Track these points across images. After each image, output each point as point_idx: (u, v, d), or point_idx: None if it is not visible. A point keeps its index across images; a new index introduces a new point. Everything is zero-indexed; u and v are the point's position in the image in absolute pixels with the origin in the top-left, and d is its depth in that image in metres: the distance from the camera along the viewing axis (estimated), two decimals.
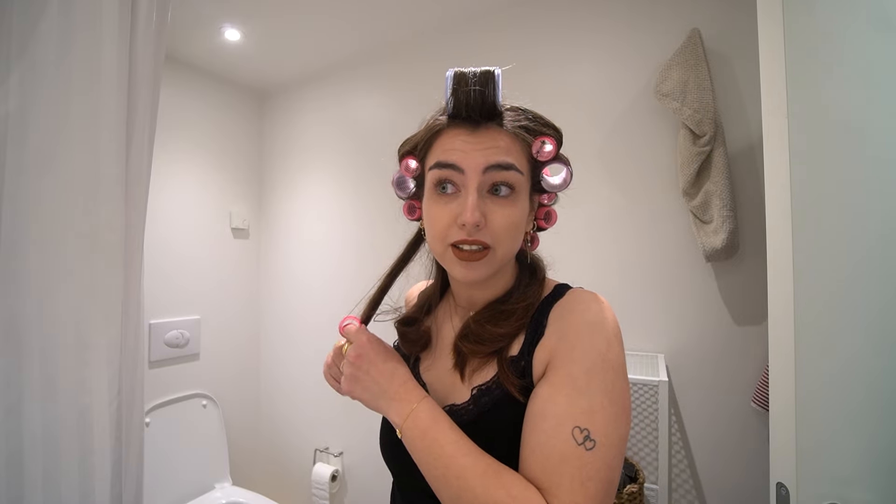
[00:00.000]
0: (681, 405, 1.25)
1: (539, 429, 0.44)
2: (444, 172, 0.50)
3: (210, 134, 2.01)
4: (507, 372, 0.50)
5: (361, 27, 1.68)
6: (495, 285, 0.56)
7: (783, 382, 0.69)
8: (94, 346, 0.83)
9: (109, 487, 0.84)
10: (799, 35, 0.70)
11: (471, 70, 0.49)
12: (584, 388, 0.44)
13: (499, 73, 0.49)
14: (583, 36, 1.42)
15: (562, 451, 0.42)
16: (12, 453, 0.75)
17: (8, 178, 0.76)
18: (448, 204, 0.50)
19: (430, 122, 0.54)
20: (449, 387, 0.55)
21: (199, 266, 1.95)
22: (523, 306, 0.53)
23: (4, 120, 0.75)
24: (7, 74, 0.75)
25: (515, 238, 0.51)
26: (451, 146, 0.50)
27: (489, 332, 0.52)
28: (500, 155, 0.49)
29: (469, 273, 0.50)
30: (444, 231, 0.50)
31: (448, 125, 0.52)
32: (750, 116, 1.16)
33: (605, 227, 1.36)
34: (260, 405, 2.20)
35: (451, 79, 0.49)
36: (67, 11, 0.79)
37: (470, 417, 0.51)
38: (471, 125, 0.50)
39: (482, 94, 0.48)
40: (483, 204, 0.49)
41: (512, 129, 0.50)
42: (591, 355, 0.46)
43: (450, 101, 0.50)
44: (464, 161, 0.49)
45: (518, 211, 0.50)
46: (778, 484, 0.69)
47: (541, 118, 0.53)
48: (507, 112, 0.51)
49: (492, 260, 0.50)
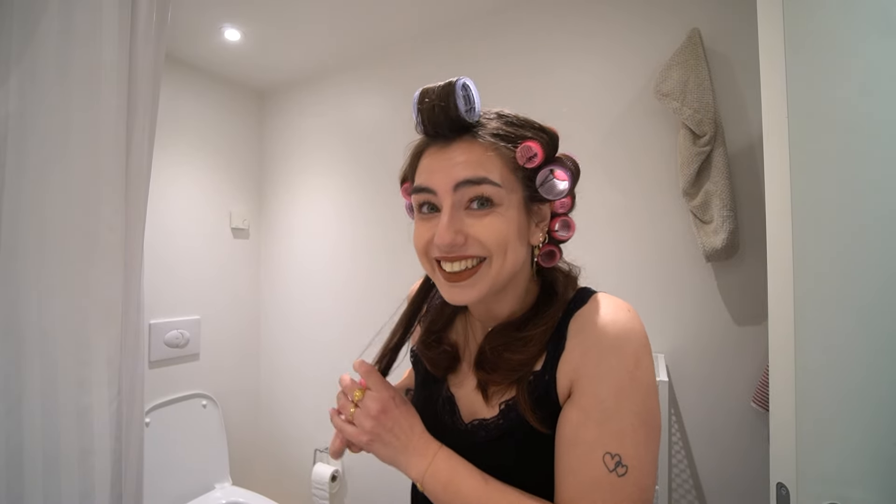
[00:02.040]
0: (681, 405, 1.25)
1: (571, 454, 0.44)
2: (421, 196, 0.49)
3: (210, 134, 2.01)
4: (527, 404, 0.47)
5: (361, 28, 1.68)
6: (510, 296, 0.54)
7: (783, 382, 0.69)
8: (94, 346, 0.83)
9: (109, 487, 0.84)
10: (799, 35, 0.70)
11: (434, 86, 0.47)
12: (612, 412, 0.43)
13: (463, 82, 0.46)
14: (583, 36, 1.42)
15: (594, 478, 0.42)
16: (12, 453, 0.75)
17: (8, 178, 0.76)
18: (429, 221, 0.49)
19: (414, 145, 0.53)
20: (477, 402, 0.54)
21: (199, 266, 1.95)
22: (541, 331, 0.49)
23: (4, 121, 0.75)
24: (7, 75, 0.75)
25: (509, 249, 0.47)
26: (425, 167, 0.49)
27: (506, 360, 0.50)
28: (468, 170, 0.46)
29: (457, 294, 0.48)
30: (424, 247, 0.50)
31: (427, 145, 0.50)
32: (750, 116, 1.16)
33: (605, 228, 1.36)
34: (260, 405, 2.20)
35: (416, 97, 0.48)
36: (67, 11, 0.79)
37: (499, 432, 0.50)
38: (443, 141, 0.48)
39: (444, 109, 0.46)
40: (460, 221, 0.47)
41: (488, 139, 0.47)
42: (618, 374, 0.44)
43: (417, 120, 0.49)
44: (435, 182, 0.47)
45: (502, 222, 0.46)
46: (778, 484, 0.69)
47: (526, 122, 0.50)
48: (484, 121, 0.48)
49: (484, 275, 0.47)
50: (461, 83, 0.46)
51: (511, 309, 0.55)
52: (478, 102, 0.47)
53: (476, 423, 0.52)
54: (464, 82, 0.46)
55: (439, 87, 0.46)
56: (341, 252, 1.95)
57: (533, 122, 0.51)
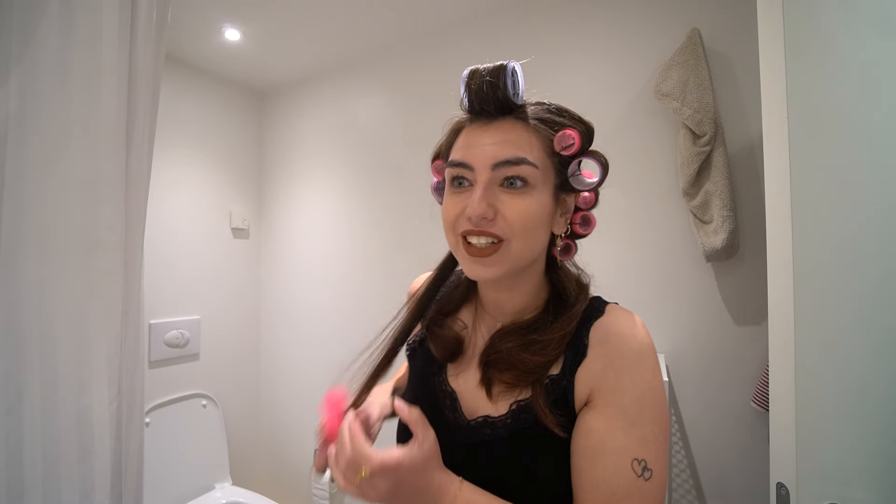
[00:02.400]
0: (681, 405, 1.25)
1: (599, 464, 0.44)
2: (456, 170, 0.50)
3: (210, 134, 2.00)
4: (544, 406, 0.47)
5: (361, 28, 1.68)
6: (522, 289, 0.54)
7: (783, 382, 0.69)
8: (94, 346, 0.84)
9: (109, 487, 0.84)
10: (799, 35, 0.70)
11: (485, 65, 0.49)
12: (636, 420, 0.45)
13: (513, 66, 0.48)
14: (583, 37, 1.42)
15: (626, 487, 0.43)
16: (12, 453, 0.75)
17: (8, 178, 0.76)
18: (460, 195, 0.50)
19: (453, 123, 0.54)
20: (479, 398, 0.53)
21: (199, 266, 1.95)
22: (560, 336, 0.50)
23: (4, 121, 0.75)
24: (7, 75, 0.75)
25: (532, 232, 0.48)
26: (465, 143, 0.50)
27: (523, 361, 0.49)
28: (509, 150, 0.47)
29: (479, 270, 0.49)
30: (454, 221, 0.50)
31: (467, 123, 0.52)
32: (750, 116, 1.16)
33: (606, 227, 1.34)
34: (260, 405, 2.20)
35: (465, 75, 0.49)
36: (67, 12, 0.79)
37: (506, 432, 0.49)
38: (486, 119, 0.50)
39: (493, 87, 0.47)
40: (493, 196, 0.48)
41: (530, 122, 0.49)
42: (640, 385, 0.46)
43: (464, 97, 0.50)
44: (473, 158, 0.48)
45: (534, 203, 0.48)
46: (778, 484, 0.69)
47: (566, 111, 0.52)
48: (527, 106, 0.50)
49: (505, 254, 0.48)
50: (512, 66, 0.48)
51: (522, 304, 0.55)
52: (523, 88, 0.49)
53: (480, 420, 0.51)
54: (514, 66, 0.48)
55: (491, 67, 0.48)
56: (341, 252, 1.95)
57: (573, 113, 0.52)
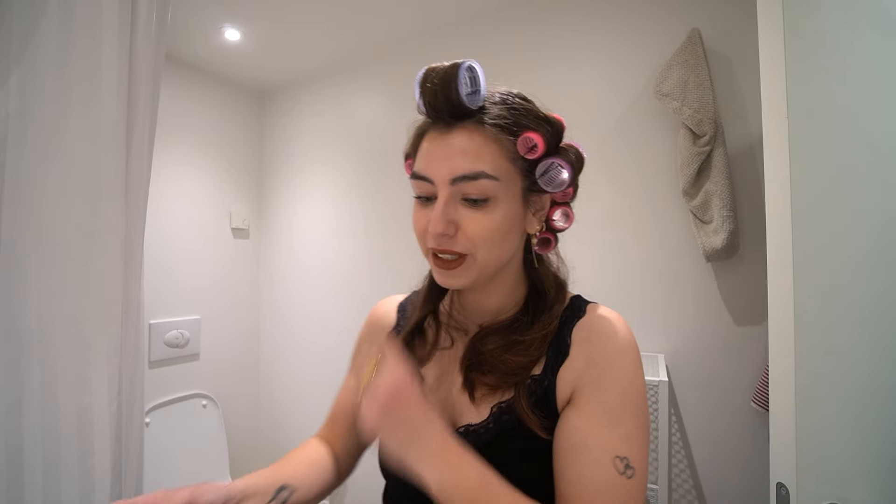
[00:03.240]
0: (681, 405, 1.25)
1: (581, 462, 0.43)
2: (418, 183, 0.49)
3: (210, 134, 2.01)
4: (525, 406, 0.47)
5: (362, 27, 1.68)
6: (498, 290, 0.54)
7: (783, 382, 0.69)
8: (94, 346, 0.84)
9: (109, 487, 0.84)
10: (799, 35, 0.70)
11: (439, 66, 0.45)
12: (618, 417, 0.45)
13: (467, 66, 0.44)
14: (583, 36, 1.42)
15: (608, 483, 0.42)
16: (12, 453, 0.75)
17: (8, 178, 0.75)
18: (425, 208, 0.49)
19: (418, 123, 0.52)
20: (460, 406, 0.52)
21: (199, 266, 1.95)
22: (542, 336, 0.50)
23: (4, 120, 0.75)
24: (7, 75, 0.75)
25: (498, 244, 0.47)
26: (425, 152, 0.48)
27: (506, 362, 0.49)
28: (467, 164, 0.45)
29: (447, 280, 0.49)
30: (422, 234, 0.49)
31: (429, 127, 0.49)
32: (750, 116, 1.16)
33: (605, 228, 1.36)
34: (260, 405, 2.20)
35: (420, 77, 0.47)
36: (67, 12, 0.79)
37: (489, 437, 0.48)
38: (444, 126, 0.47)
39: (445, 94, 0.44)
40: (455, 211, 0.46)
41: (489, 127, 0.46)
42: (622, 382, 0.46)
43: (419, 101, 0.48)
44: (432, 171, 0.47)
45: (496, 217, 0.46)
46: (778, 484, 0.69)
47: (531, 111, 0.49)
48: (488, 106, 0.47)
49: (470, 266, 0.47)
50: (466, 66, 0.44)
51: (500, 302, 0.54)
52: (483, 86, 0.46)
53: (462, 430, 0.49)
54: (469, 65, 0.45)
55: (443, 70, 0.45)
56: (341, 251, 1.95)
57: (538, 112, 0.49)
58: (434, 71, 0.45)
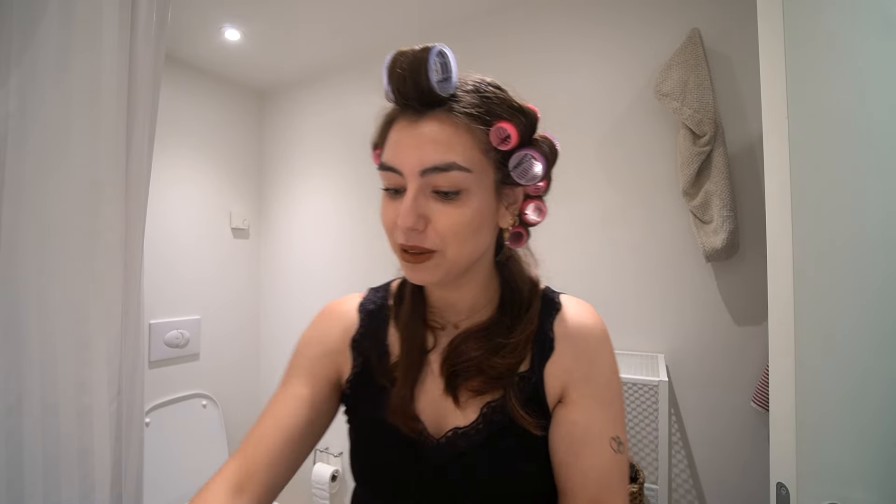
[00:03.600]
0: (681, 405, 1.25)
1: (584, 454, 0.46)
2: (386, 174, 0.46)
3: (210, 134, 2.01)
4: (518, 405, 0.47)
5: (361, 27, 1.68)
6: (471, 286, 0.52)
7: (783, 382, 0.69)
8: (94, 346, 0.83)
9: (109, 487, 0.84)
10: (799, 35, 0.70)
11: (406, 51, 0.43)
12: (607, 401, 0.48)
13: (438, 51, 0.42)
14: (582, 36, 1.42)
15: (608, 464, 0.46)
16: (12, 453, 0.75)
17: (8, 178, 0.76)
18: (394, 201, 0.46)
19: (387, 111, 0.48)
20: (444, 409, 0.50)
21: (199, 266, 1.95)
22: (527, 336, 0.50)
23: (4, 121, 0.75)
24: (7, 76, 0.75)
25: (469, 239, 0.45)
26: (394, 141, 0.45)
27: (496, 366, 0.48)
28: (437, 154, 0.42)
29: (417, 274, 0.47)
30: (391, 227, 0.47)
31: (398, 114, 0.46)
32: (750, 116, 1.16)
33: (605, 227, 1.36)
34: (260, 405, 2.20)
35: (387, 62, 0.43)
36: (67, 12, 0.79)
37: (481, 438, 0.47)
38: (414, 114, 0.44)
39: (415, 81, 0.42)
40: (425, 205, 0.44)
41: (461, 116, 0.43)
42: (606, 371, 0.49)
43: (387, 87, 0.45)
44: (401, 162, 0.44)
45: (468, 211, 0.44)
46: (778, 484, 0.69)
47: (504, 100, 0.46)
48: (460, 94, 0.44)
49: (440, 263, 0.45)
50: (436, 51, 0.42)
51: (474, 299, 0.53)
52: (455, 72, 0.43)
53: (450, 434, 0.48)
54: (440, 50, 0.42)
55: (412, 54, 0.42)
56: (341, 251, 1.95)
57: (512, 101, 0.47)
58: (403, 55, 0.42)
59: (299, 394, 0.52)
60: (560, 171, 0.52)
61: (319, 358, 0.55)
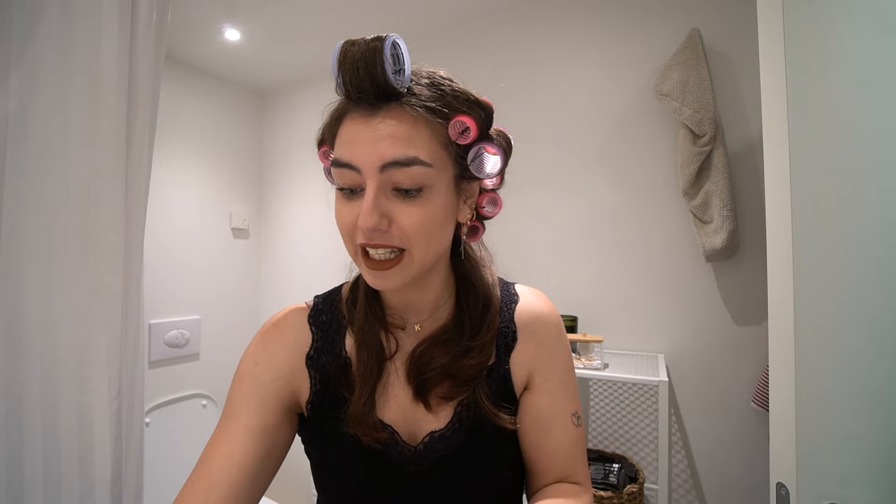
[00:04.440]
0: (681, 405, 1.25)
1: (553, 433, 0.50)
2: (341, 172, 0.43)
3: (210, 134, 2.01)
4: (492, 410, 0.47)
5: (361, 28, 1.67)
6: (432, 285, 0.51)
7: (783, 382, 0.69)
8: (94, 346, 0.84)
9: (109, 487, 0.84)
10: (799, 35, 0.70)
11: (359, 39, 0.40)
12: (567, 381, 0.53)
13: (391, 42, 0.39)
14: (583, 35, 1.42)
15: (570, 438, 0.51)
16: (12, 453, 0.75)
17: (8, 178, 0.76)
18: (352, 202, 0.43)
19: (336, 105, 0.46)
20: (417, 415, 0.49)
21: (199, 266, 1.95)
22: (493, 335, 0.50)
23: (4, 120, 0.75)
24: (7, 75, 0.75)
25: (434, 237, 0.44)
26: (348, 137, 0.42)
27: (466, 368, 0.48)
28: (398, 148, 0.40)
29: (381, 282, 0.44)
30: (350, 231, 0.44)
31: (349, 108, 0.43)
32: (750, 116, 1.16)
33: (605, 227, 1.36)
34: None
35: (336, 52, 0.40)
36: (67, 12, 0.79)
37: (458, 439, 0.47)
38: (368, 108, 0.41)
39: (370, 72, 0.39)
40: (387, 203, 0.42)
41: (419, 110, 0.41)
42: (564, 353, 0.54)
43: (337, 80, 0.42)
44: (358, 158, 0.41)
45: (432, 208, 0.42)
46: (778, 484, 0.69)
47: (461, 93, 0.44)
48: (416, 88, 0.42)
49: (408, 265, 0.43)
50: (391, 41, 0.39)
51: (435, 297, 0.51)
52: (408, 65, 0.41)
53: (427, 438, 0.48)
54: (394, 40, 0.40)
55: (364, 44, 0.39)
56: (341, 251, 1.95)
57: (469, 94, 0.45)
58: (355, 44, 0.40)
59: (249, 424, 0.47)
60: (560, 170, 0.52)
61: (270, 382, 0.50)
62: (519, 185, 1.43)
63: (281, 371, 0.51)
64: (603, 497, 1.05)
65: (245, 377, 0.52)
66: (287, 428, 0.50)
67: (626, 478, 1.13)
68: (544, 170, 1.44)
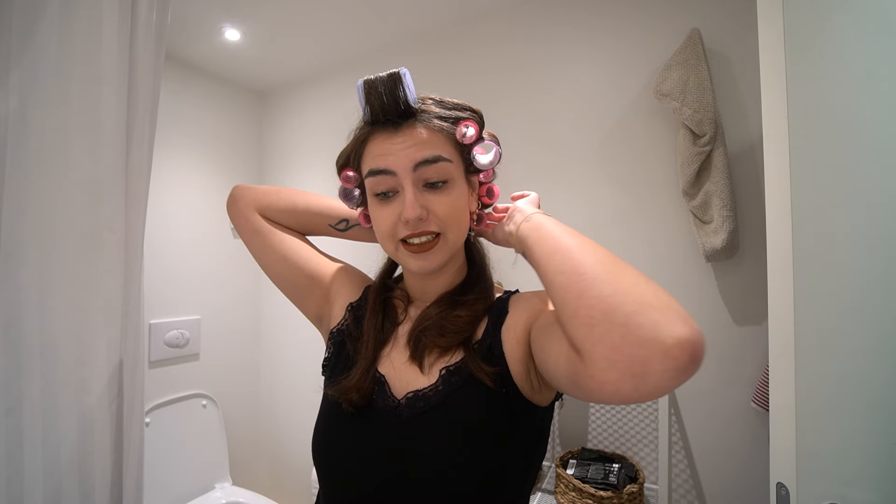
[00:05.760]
0: (680, 405, 1.25)
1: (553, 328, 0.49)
2: (379, 179, 0.52)
3: (210, 134, 2.01)
4: (475, 359, 0.52)
5: (361, 27, 1.68)
6: (450, 271, 0.60)
7: (783, 382, 0.69)
8: (94, 346, 0.84)
9: (109, 487, 0.84)
10: (799, 35, 0.70)
11: (378, 76, 0.51)
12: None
13: (405, 71, 0.51)
14: (583, 35, 1.42)
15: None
16: (12, 453, 0.75)
17: (8, 178, 0.75)
18: (390, 205, 0.53)
19: (356, 132, 0.57)
20: (409, 376, 0.55)
21: (200, 266, 1.94)
22: (484, 295, 0.58)
23: (4, 120, 0.75)
24: (7, 74, 0.75)
25: (462, 221, 0.55)
26: (379, 151, 0.52)
27: (455, 319, 0.54)
28: (425, 149, 0.51)
29: (424, 263, 0.53)
30: (392, 230, 0.53)
31: (372, 132, 0.54)
32: (750, 116, 1.16)
33: (606, 227, 1.36)
34: (260, 405, 2.20)
35: (362, 88, 0.52)
36: (67, 11, 0.79)
37: (438, 399, 0.51)
38: (392, 127, 0.52)
39: (393, 97, 0.51)
40: (422, 197, 0.52)
41: (431, 122, 0.53)
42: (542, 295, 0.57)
43: (366, 111, 0.53)
44: (393, 164, 0.51)
45: (457, 195, 0.53)
46: (778, 484, 0.69)
47: (458, 105, 0.56)
48: (424, 106, 0.53)
49: (444, 246, 0.53)
50: (404, 72, 0.51)
51: (451, 278, 0.60)
52: (414, 91, 0.52)
53: (411, 394, 0.53)
54: (405, 72, 0.51)
55: (387, 77, 0.51)
56: (341, 251, 1.95)
57: (464, 104, 0.56)
58: (378, 79, 0.51)
59: (318, 258, 0.74)
60: (561, 170, 0.54)
61: (337, 274, 0.71)
62: (519, 185, 1.43)
63: (340, 284, 0.70)
64: (603, 497, 1.05)
65: (336, 260, 0.76)
66: (318, 288, 0.72)
67: (626, 478, 1.13)
68: (544, 170, 1.44)
